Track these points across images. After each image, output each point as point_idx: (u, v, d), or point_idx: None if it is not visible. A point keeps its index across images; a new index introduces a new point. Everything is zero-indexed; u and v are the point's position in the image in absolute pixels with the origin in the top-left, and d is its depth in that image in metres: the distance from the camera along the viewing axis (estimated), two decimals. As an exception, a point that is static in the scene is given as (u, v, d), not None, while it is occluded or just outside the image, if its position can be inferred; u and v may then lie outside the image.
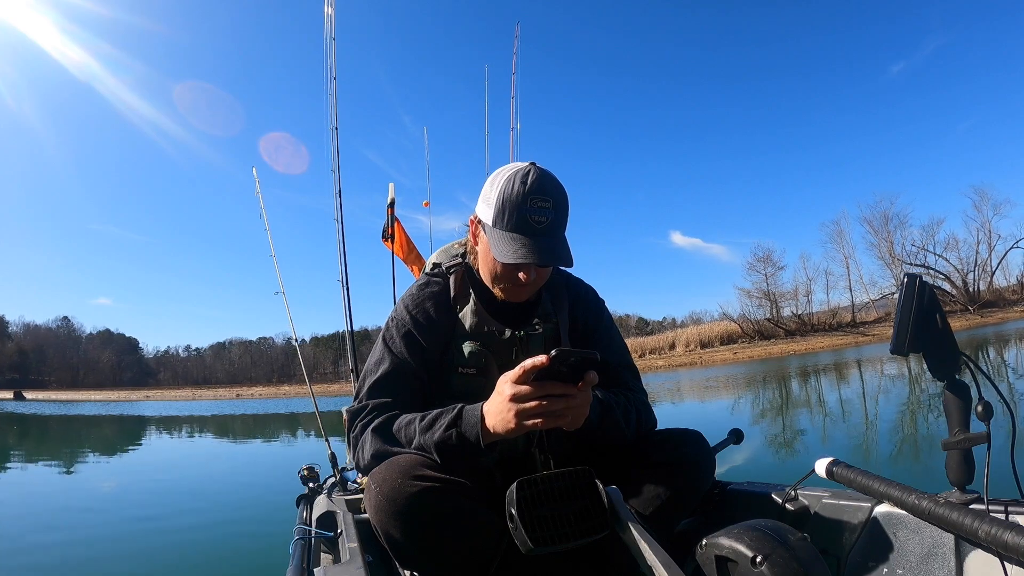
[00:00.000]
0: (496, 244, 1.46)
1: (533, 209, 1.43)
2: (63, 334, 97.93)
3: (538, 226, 1.43)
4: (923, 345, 1.24)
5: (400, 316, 1.62)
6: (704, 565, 1.11)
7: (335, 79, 4.37)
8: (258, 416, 24.72)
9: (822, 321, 46.16)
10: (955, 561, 1.25)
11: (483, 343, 1.60)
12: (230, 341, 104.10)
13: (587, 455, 1.58)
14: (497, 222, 1.46)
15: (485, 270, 1.60)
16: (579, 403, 1.25)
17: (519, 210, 1.43)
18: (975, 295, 42.15)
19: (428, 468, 1.36)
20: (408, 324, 1.60)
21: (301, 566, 1.60)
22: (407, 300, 1.65)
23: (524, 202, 1.42)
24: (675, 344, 48.24)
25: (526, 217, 1.43)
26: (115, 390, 72.16)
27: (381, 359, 1.59)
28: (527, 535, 1.03)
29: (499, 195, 1.45)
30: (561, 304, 1.72)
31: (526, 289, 1.57)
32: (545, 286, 1.69)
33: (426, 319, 1.60)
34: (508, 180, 1.45)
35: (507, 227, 1.44)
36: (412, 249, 4.09)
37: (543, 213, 1.44)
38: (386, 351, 1.59)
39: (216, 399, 52.84)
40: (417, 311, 1.61)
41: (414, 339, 1.59)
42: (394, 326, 1.62)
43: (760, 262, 48.20)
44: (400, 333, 1.60)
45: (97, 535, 5.50)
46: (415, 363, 1.58)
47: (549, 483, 1.08)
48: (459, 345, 1.59)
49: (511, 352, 1.60)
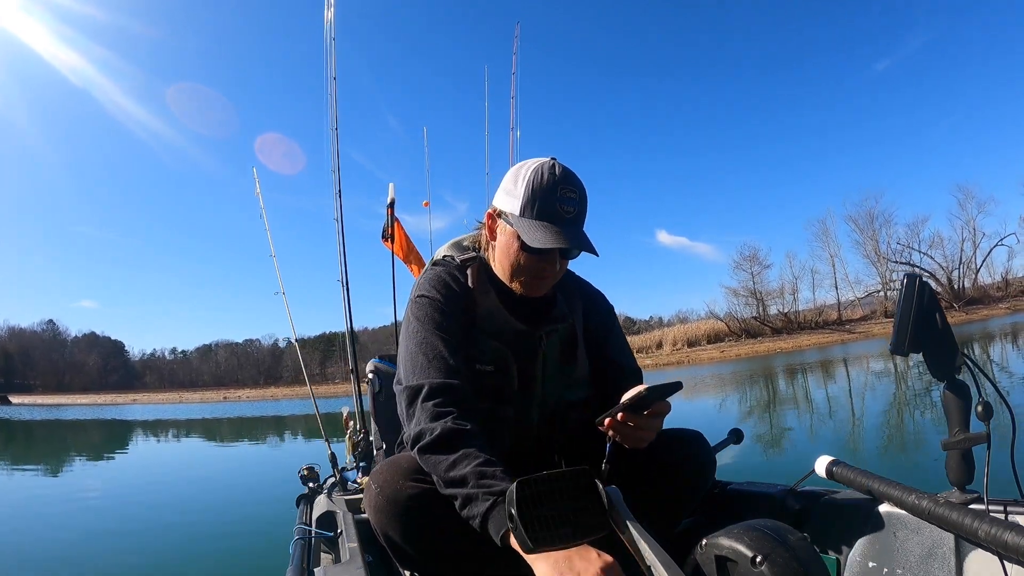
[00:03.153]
0: (525, 232, 1.45)
1: (563, 198, 1.46)
2: (48, 337, 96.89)
3: (567, 215, 1.46)
4: (923, 345, 1.24)
5: (430, 296, 1.55)
6: (704, 565, 1.11)
7: (335, 79, 4.34)
8: (253, 419, 24.65)
9: (808, 319, 46.48)
10: (955, 561, 1.25)
11: (503, 340, 1.57)
12: (216, 343, 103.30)
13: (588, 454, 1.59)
14: (526, 211, 1.47)
15: (505, 263, 1.56)
16: (648, 429, 1.34)
17: (550, 199, 1.45)
18: (960, 292, 42.53)
19: None
20: (441, 302, 1.53)
21: (301, 566, 1.60)
22: (432, 282, 1.57)
23: (554, 191, 1.45)
24: (662, 343, 48.40)
25: (556, 206, 1.45)
26: (101, 393, 71.58)
27: (425, 339, 1.48)
28: (527, 535, 1.02)
29: (527, 185, 1.47)
30: (575, 305, 1.73)
31: (547, 282, 1.57)
32: (558, 287, 1.69)
33: (453, 301, 1.55)
34: (536, 171, 1.48)
35: (536, 215, 1.46)
36: (412, 249, 4.07)
37: (571, 203, 1.47)
38: (427, 329, 1.50)
39: (203, 402, 52.65)
40: (443, 291, 1.55)
41: (449, 317, 1.52)
42: (427, 306, 1.53)
43: (746, 261, 48.54)
44: (436, 310, 1.52)
45: (98, 536, 5.51)
46: (457, 339, 1.51)
47: (549, 483, 1.07)
48: (477, 339, 1.55)
49: (532, 351, 1.59)
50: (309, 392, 3.78)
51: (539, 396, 1.60)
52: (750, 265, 48.22)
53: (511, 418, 1.57)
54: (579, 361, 1.67)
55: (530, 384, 1.59)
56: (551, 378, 1.62)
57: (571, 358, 1.66)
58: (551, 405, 1.62)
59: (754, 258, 48.29)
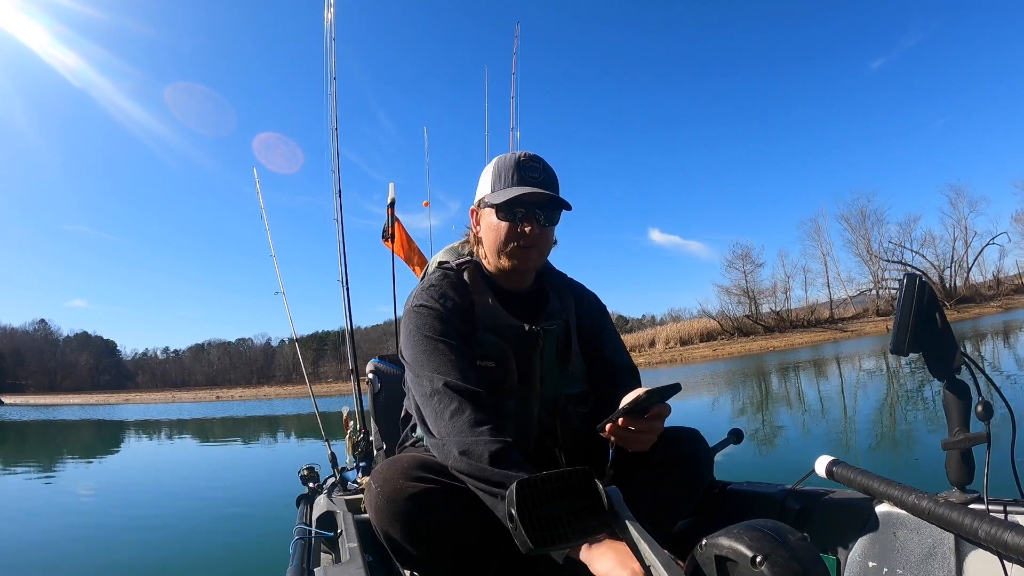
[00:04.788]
0: (499, 199, 1.57)
1: (527, 168, 1.60)
2: (40, 337, 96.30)
3: (533, 180, 1.59)
4: (923, 345, 1.24)
5: (428, 305, 1.58)
6: (704, 565, 1.11)
7: (335, 79, 4.32)
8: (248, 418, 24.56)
9: (801, 317, 46.71)
10: (955, 561, 1.25)
11: (501, 336, 1.61)
12: (208, 342, 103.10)
13: (588, 453, 1.61)
14: (496, 186, 1.61)
15: (491, 243, 1.64)
16: (649, 433, 1.36)
17: (516, 170, 1.59)
18: (952, 291, 42.79)
19: (428, 469, 1.38)
20: (441, 312, 1.57)
21: (301, 566, 1.60)
22: (430, 292, 1.62)
23: (518, 164, 1.60)
24: (655, 341, 48.58)
25: (522, 174, 1.59)
26: (93, 393, 71.37)
27: (434, 349, 1.52)
28: (527, 535, 1.02)
29: (494, 168, 1.63)
30: (568, 304, 1.77)
31: (533, 251, 1.62)
32: (550, 286, 1.76)
33: (453, 307, 1.59)
34: (500, 157, 1.65)
35: (505, 184, 1.59)
36: (414, 248, 4.05)
37: (536, 171, 1.61)
38: (435, 342, 1.53)
39: (196, 401, 52.54)
40: (442, 300, 1.59)
41: (452, 325, 1.56)
42: (428, 316, 1.57)
43: (739, 259, 48.87)
44: (436, 318, 1.56)
45: (98, 536, 5.48)
46: (464, 345, 1.55)
47: (549, 483, 1.08)
48: (478, 337, 1.59)
49: (530, 346, 1.62)
50: (302, 391, 3.80)
51: (538, 390, 1.63)
52: (743, 264, 48.61)
53: (512, 411, 1.59)
54: (574, 357, 1.70)
55: (529, 377, 1.62)
56: (549, 373, 1.64)
57: (567, 354, 1.69)
58: (551, 398, 1.64)
59: (746, 256, 48.65)
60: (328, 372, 63.53)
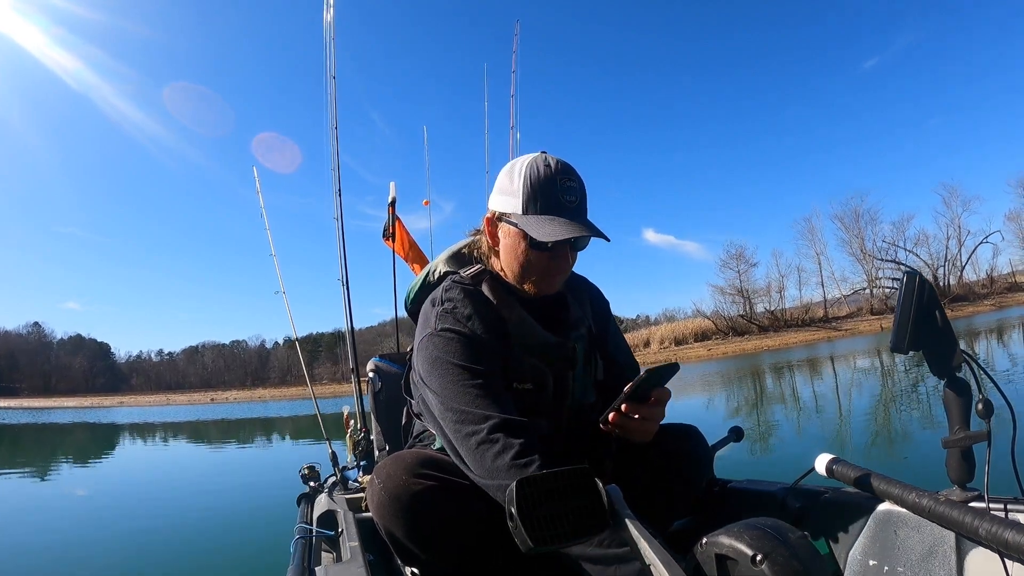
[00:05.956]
0: (534, 228, 1.41)
1: (564, 188, 1.43)
2: (34, 340, 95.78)
3: (571, 205, 1.43)
4: (923, 342, 1.24)
5: (458, 331, 1.44)
6: (704, 564, 1.11)
7: (335, 79, 4.30)
8: (245, 420, 24.54)
9: (795, 317, 46.76)
10: (956, 559, 1.25)
11: (539, 355, 1.52)
12: (203, 344, 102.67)
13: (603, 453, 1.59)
14: (529, 208, 1.43)
15: (514, 266, 1.51)
16: (652, 419, 1.34)
17: (551, 191, 1.42)
18: (945, 290, 42.92)
19: (432, 466, 1.37)
20: (471, 337, 1.43)
21: (302, 565, 1.60)
22: (454, 314, 1.47)
23: (554, 183, 1.43)
24: (649, 342, 48.55)
25: (558, 197, 1.42)
26: (88, 396, 70.88)
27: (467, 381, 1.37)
28: (527, 534, 1.02)
29: (525, 181, 1.44)
30: (584, 306, 1.71)
31: (560, 277, 1.53)
32: (566, 287, 1.66)
33: (482, 330, 1.45)
34: (530, 167, 1.45)
35: (540, 210, 1.43)
36: (414, 247, 4.05)
37: (572, 193, 1.44)
38: (465, 371, 1.38)
39: (191, 404, 52.38)
40: (470, 323, 1.45)
41: (484, 351, 1.43)
42: (457, 342, 1.42)
43: (733, 259, 48.86)
44: (468, 346, 1.42)
45: (97, 537, 5.47)
46: (499, 371, 1.43)
47: (548, 482, 1.07)
48: (513, 357, 1.49)
49: (567, 363, 1.56)
50: (297, 393, 3.81)
51: (568, 403, 1.58)
52: (737, 263, 48.61)
53: (544, 428, 1.53)
54: (598, 363, 1.67)
55: (564, 395, 1.57)
56: (579, 384, 1.60)
57: (593, 362, 1.65)
58: (576, 409, 1.60)
59: (741, 256, 48.66)
60: (323, 374, 63.23)
